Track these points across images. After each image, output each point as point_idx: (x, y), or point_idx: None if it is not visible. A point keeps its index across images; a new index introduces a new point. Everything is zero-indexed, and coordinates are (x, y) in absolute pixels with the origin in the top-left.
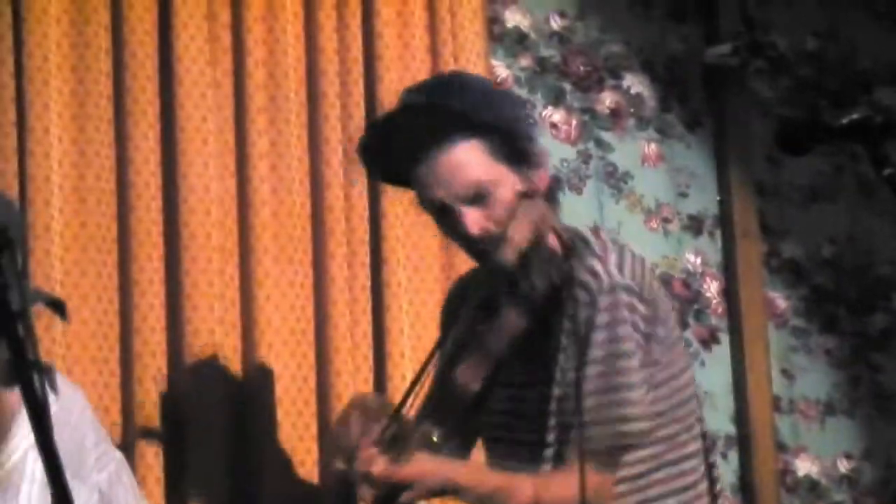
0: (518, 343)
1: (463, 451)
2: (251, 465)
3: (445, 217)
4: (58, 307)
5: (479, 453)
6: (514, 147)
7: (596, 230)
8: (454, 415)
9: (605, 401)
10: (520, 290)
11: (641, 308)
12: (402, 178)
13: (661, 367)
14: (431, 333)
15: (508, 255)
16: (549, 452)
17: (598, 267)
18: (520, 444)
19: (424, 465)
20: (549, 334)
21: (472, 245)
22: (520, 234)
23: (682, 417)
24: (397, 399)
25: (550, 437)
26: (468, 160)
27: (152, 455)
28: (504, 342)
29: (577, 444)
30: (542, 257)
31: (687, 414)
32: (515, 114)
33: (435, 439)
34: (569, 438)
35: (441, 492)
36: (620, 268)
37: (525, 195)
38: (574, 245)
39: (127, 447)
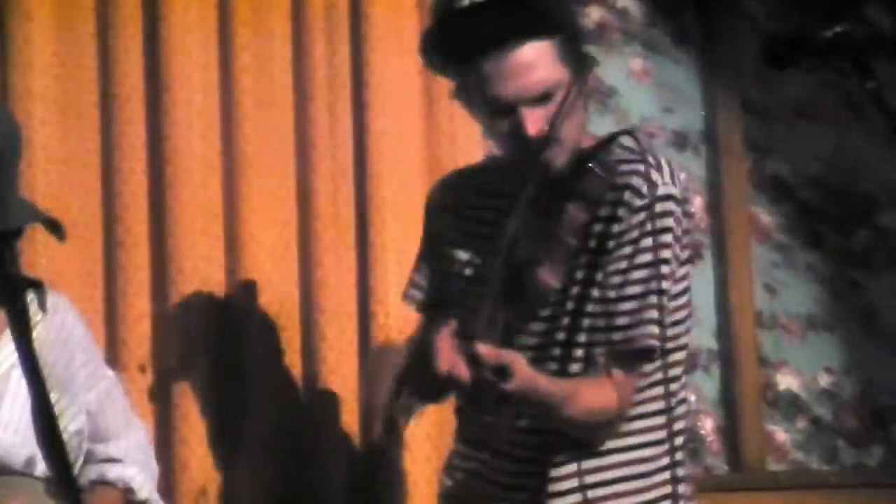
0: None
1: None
2: (238, 385)
3: (501, 115)
4: (53, 227)
5: None
6: (576, 50)
7: (633, 135)
8: (527, 311)
9: (643, 304)
10: (579, 193)
11: (685, 222)
12: (458, 69)
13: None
14: (416, 244)
15: (559, 157)
16: (579, 353)
17: (653, 174)
18: (550, 348)
19: (519, 359)
20: (588, 237)
21: (525, 146)
22: (572, 137)
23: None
24: None
25: (582, 338)
26: (538, 60)
27: (134, 369)
28: (573, 237)
29: (609, 347)
30: (603, 161)
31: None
32: (575, 16)
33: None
34: (599, 341)
35: (523, 395)
36: (673, 179)
37: (578, 100)
38: (617, 151)
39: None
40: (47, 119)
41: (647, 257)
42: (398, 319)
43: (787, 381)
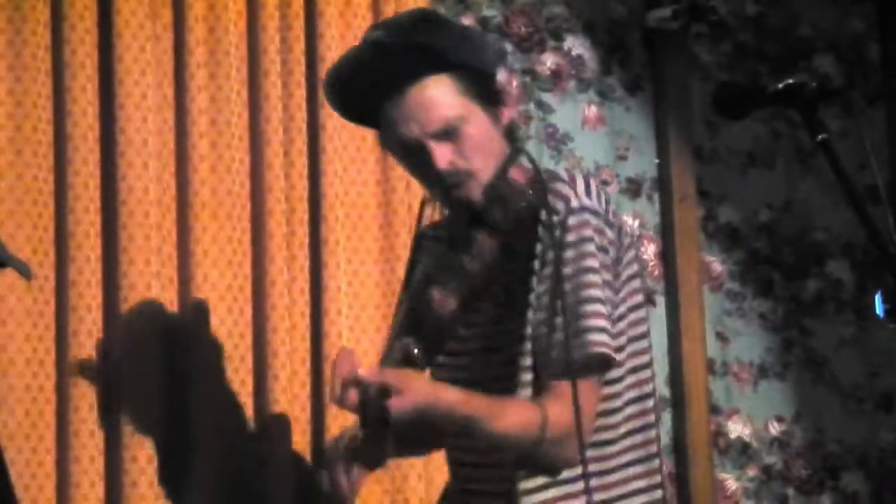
0: (489, 273)
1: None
2: (188, 419)
3: (413, 155)
4: (21, 269)
5: None
6: (483, 84)
7: (566, 170)
8: (431, 337)
9: (583, 313)
10: (487, 222)
11: (609, 232)
12: (368, 117)
13: (623, 301)
14: (369, 291)
15: (475, 190)
16: (526, 377)
17: (566, 190)
18: (494, 380)
19: (411, 376)
20: (517, 263)
21: (440, 182)
22: (485, 170)
23: (642, 366)
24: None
25: (527, 362)
26: (439, 95)
27: (87, 408)
28: (479, 267)
29: (558, 363)
30: (508, 188)
31: (645, 364)
32: (484, 51)
33: (416, 352)
34: (542, 364)
35: (423, 412)
36: (588, 192)
37: (490, 133)
38: (539, 176)
39: (61, 401)
40: (0, 157)
41: (568, 270)
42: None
43: (738, 429)
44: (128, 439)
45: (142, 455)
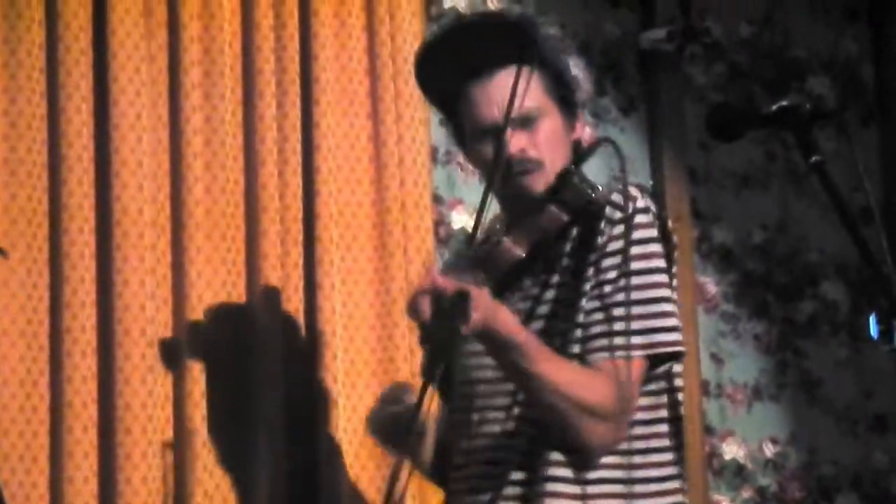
0: (551, 244)
1: None
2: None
3: (486, 139)
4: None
5: None
6: (565, 91)
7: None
8: (495, 277)
9: (644, 312)
10: (558, 198)
11: (661, 244)
12: (448, 97)
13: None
14: (364, 312)
15: (539, 182)
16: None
17: (633, 190)
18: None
19: (482, 291)
20: (573, 250)
21: (508, 168)
22: (553, 166)
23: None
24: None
25: (576, 349)
26: (524, 84)
27: (80, 430)
28: (547, 228)
29: (611, 350)
30: (580, 176)
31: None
32: (569, 66)
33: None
34: (593, 347)
35: (489, 328)
36: (648, 197)
37: (562, 136)
38: (622, 173)
39: (55, 422)
40: None
41: (637, 265)
42: (345, 385)
43: (732, 451)
44: (122, 461)
45: (136, 476)
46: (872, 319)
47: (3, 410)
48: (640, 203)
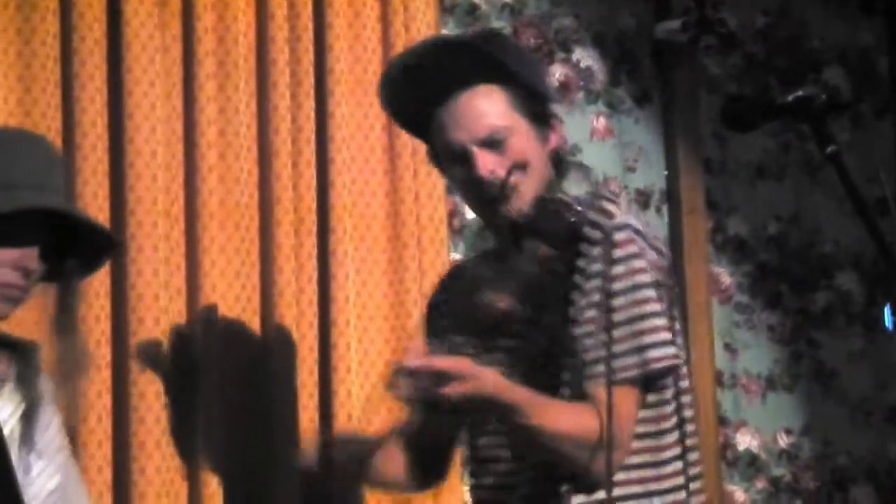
0: (538, 281)
1: None
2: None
3: (458, 163)
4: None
5: None
6: (534, 104)
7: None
8: (481, 337)
9: (630, 331)
10: (537, 232)
11: (651, 254)
12: (419, 124)
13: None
14: (377, 302)
15: (519, 206)
16: (565, 392)
17: (609, 206)
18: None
19: (463, 362)
20: (555, 279)
21: (482, 193)
22: (529, 187)
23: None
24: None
25: (566, 377)
26: (489, 103)
27: (94, 419)
28: (530, 270)
29: (604, 377)
30: (557, 203)
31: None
32: (540, 75)
33: (470, 351)
34: (587, 375)
35: (470, 398)
36: (628, 214)
37: (536, 151)
38: (581, 199)
39: (71, 410)
40: None
41: (620, 285)
42: (359, 375)
43: (746, 441)
44: (136, 451)
45: (150, 466)
46: (887, 310)
47: None
48: (619, 220)
